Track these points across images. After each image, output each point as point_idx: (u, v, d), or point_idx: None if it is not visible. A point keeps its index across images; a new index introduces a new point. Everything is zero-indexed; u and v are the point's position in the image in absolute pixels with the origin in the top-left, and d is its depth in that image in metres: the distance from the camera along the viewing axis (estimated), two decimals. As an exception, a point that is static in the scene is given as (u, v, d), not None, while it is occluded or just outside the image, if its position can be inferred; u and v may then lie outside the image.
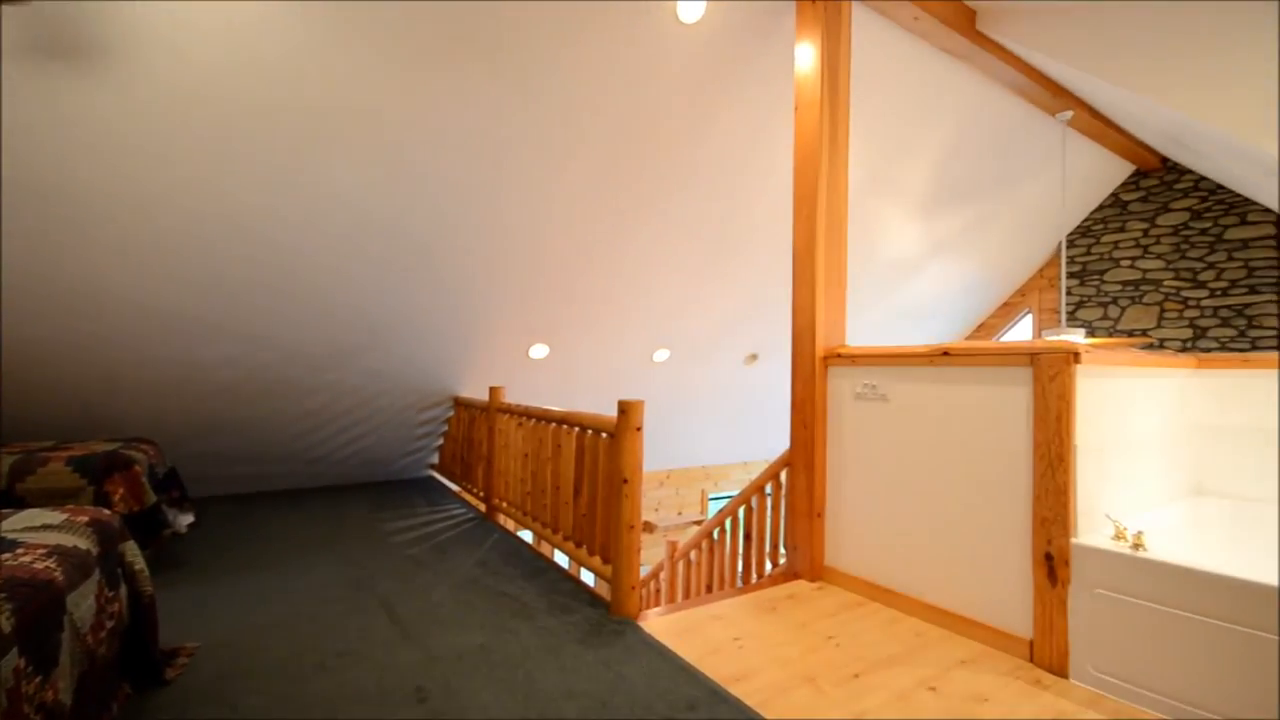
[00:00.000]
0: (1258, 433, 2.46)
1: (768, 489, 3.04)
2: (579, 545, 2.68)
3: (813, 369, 2.69)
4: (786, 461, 2.85)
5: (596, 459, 2.54)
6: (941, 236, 5.31)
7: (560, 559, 5.22)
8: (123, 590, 1.69)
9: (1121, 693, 1.75)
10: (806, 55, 2.75)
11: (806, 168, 2.71)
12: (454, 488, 4.59)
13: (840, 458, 2.64)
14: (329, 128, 2.64)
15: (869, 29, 3.25)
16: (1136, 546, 1.79)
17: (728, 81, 3.21)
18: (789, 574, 2.76)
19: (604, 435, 2.47)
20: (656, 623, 2.25)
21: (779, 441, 6.68)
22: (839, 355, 2.65)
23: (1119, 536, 1.87)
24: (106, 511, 1.79)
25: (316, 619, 2.24)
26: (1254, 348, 4.92)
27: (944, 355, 2.25)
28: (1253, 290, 4.94)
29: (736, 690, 1.77)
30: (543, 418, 3.05)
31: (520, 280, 3.79)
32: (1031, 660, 1.97)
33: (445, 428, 4.66)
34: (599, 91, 2.97)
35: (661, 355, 5.02)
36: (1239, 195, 4.97)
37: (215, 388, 3.52)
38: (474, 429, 4.05)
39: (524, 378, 4.64)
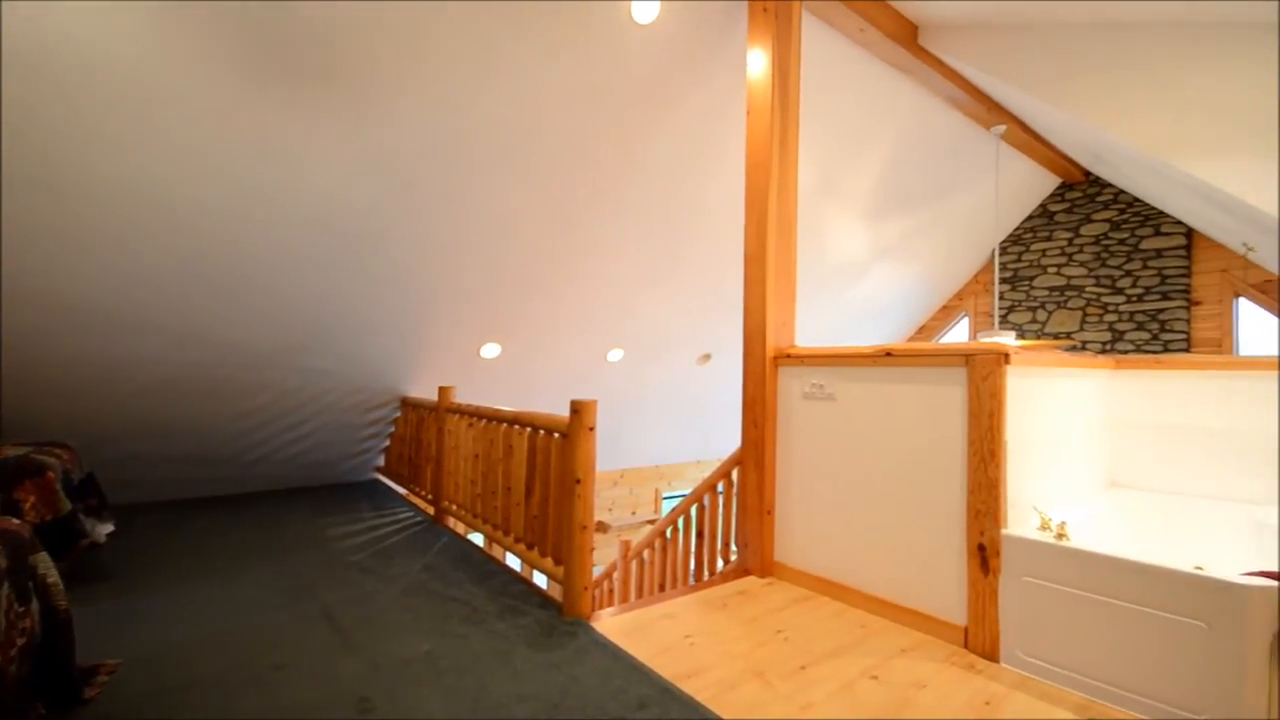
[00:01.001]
0: (1169, 429, 2.65)
1: (719, 487, 3.08)
2: (530, 547, 2.65)
3: (763, 369, 2.75)
4: (738, 460, 2.90)
5: (549, 459, 2.51)
6: (886, 241, 5.51)
7: (512, 561, 5.15)
8: (34, 605, 1.57)
9: (1047, 674, 1.86)
10: (758, 61, 2.81)
11: (757, 171, 2.77)
12: (401, 491, 4.46)
13: (789, 455, 2.71)
14: (271, 111, 2.52)
15: (818, 39, 3.35)
16: (1060, 536, 1.90)
17: (682, 82, 3.24)
18: (740, 571, 2.80)
19: (556, 435, 2.45)
20: (609, 623, 2.25)
21: (732, 440, 6.78)
22: (789, 355, 2.72)
23: (1044, 527, 1.98)
24: (16, 521, 1.66)
25: (252, 631, 2.13)
26: (1166, 350, 5.31)
27: (887, 356, 2.33)
28: (1165, 296, 5.33)
29: (687, 687, 1.79)
30: (494, 418, 3.00)
31: (472, 278, 3.72)
32: (966, 646, 2.06)
33: (392, 429, 4.52)
34: (552, 90, 2.94)
35: (615, 355, 5.02)
36: (1153, 208, 5.36)
37: (140, 387, 3.31)
38: (422, 430, 3.96)
39: (475, 377, 4.56)
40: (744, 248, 2.81)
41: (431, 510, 3.77)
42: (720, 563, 3.10)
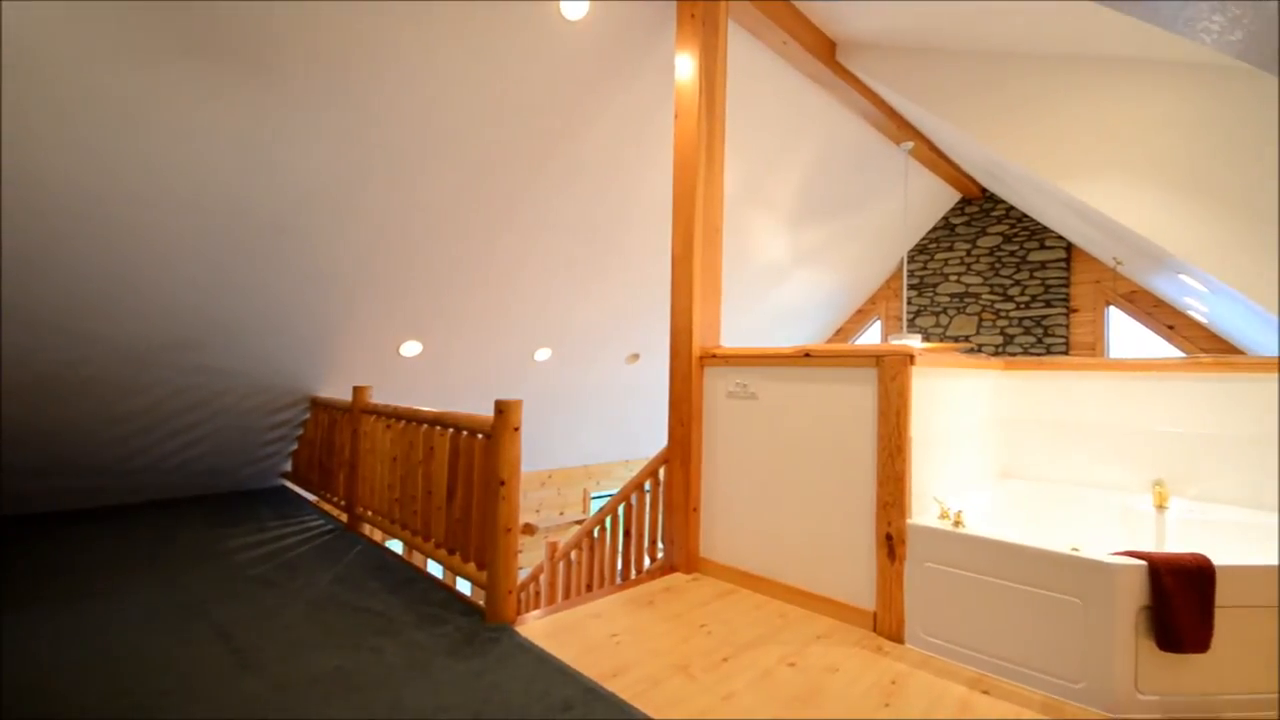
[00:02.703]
0: (1051, 424, 2.92)
1: (647, 486, 3.10)
2: (452, 552, 2.56)
3: (689, 368, 2.79)
4: (665, 458, 2.93)
5: (472, 461, 2.44)
6: (806, 247, 5.75)
7: (434, 569, 4.97)
8: None
9: (946, 652, 1.99)
10: (686, 65, 2.85)
11: (685, 173, 2.81)
12: (311, 497, 4.19)
13: (714, 453, 2.76)
14: (166, 85, 2.30)
15: (744, 48, 3.44)
16: (957, 524, 2.05)
17: (611, 81, 3.24)
18: (666, 568, 2.83)
19: (480, 436, 2.38)
20: (534, 626, 2.21)
21: (660, 439, 6.85)
22: (714, 355, 2.77)
23: (944, 516, 2.13)
24: None
25: (134, 655, 1.94)
26: (1048, 353, 5.85)
27: (806, 356, 2.43)
28: (1048, 304, 5.87)
29: (612, 685, 1.79)
30: (413, 419, 2.88)
31: (391, 273, 3.56)
32: (875, 630, 2.18)
33: (300, 431, 4.25)
34: (479, 84, 2.86)
35: (543, 354, 4.95)
36: (1039, 224, 5.90)
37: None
38: (335, 432, 3.74)
39: (394, 377, 4.36)
40: (671, 249, 2.85)
41: (345, 517, 3.57)
42: (647, 560, 3.12)
